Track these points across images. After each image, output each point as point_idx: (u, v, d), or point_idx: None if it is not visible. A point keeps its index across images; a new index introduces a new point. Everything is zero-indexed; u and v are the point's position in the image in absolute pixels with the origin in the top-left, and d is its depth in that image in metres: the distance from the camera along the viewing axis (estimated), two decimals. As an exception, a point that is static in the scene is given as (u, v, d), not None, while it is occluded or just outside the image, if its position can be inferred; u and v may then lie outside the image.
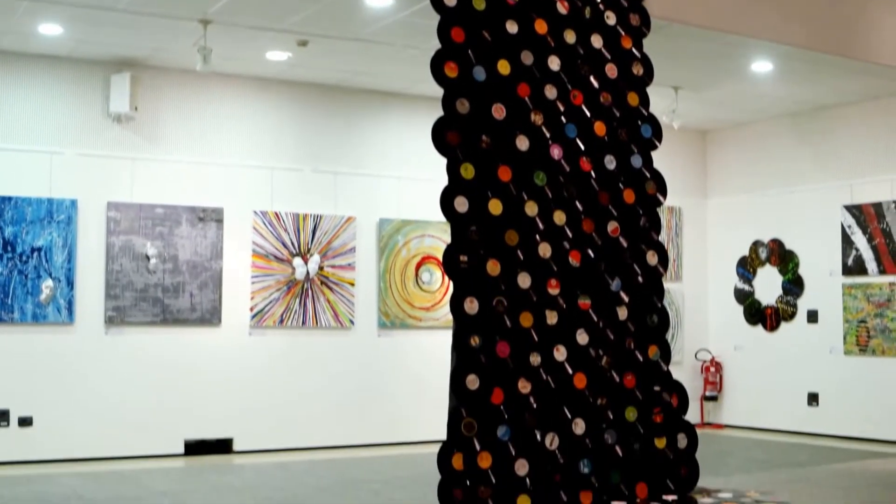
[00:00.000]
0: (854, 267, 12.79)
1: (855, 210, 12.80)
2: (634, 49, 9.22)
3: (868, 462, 10.87)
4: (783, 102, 13.18)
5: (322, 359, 11.91)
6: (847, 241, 12.87)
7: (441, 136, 8.22)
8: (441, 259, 8.39)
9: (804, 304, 13.40)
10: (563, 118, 8.73)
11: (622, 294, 8.80)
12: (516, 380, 8.19)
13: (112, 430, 10.86)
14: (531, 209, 8.48)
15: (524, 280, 8.35)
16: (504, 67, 8.49)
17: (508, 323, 8.23)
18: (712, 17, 10.09)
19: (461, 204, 8.22)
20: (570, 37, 8.85)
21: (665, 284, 9.33)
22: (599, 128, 8.89)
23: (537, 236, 8.47)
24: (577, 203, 8.71)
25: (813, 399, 13.20)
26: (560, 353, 8.42)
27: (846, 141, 13.09)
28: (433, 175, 9.88)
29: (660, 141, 9.23)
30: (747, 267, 14.10)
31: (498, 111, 8.41)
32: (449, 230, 8.24)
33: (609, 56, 9.05)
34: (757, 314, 13.94)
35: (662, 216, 13.44)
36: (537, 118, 8.59)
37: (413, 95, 12.49)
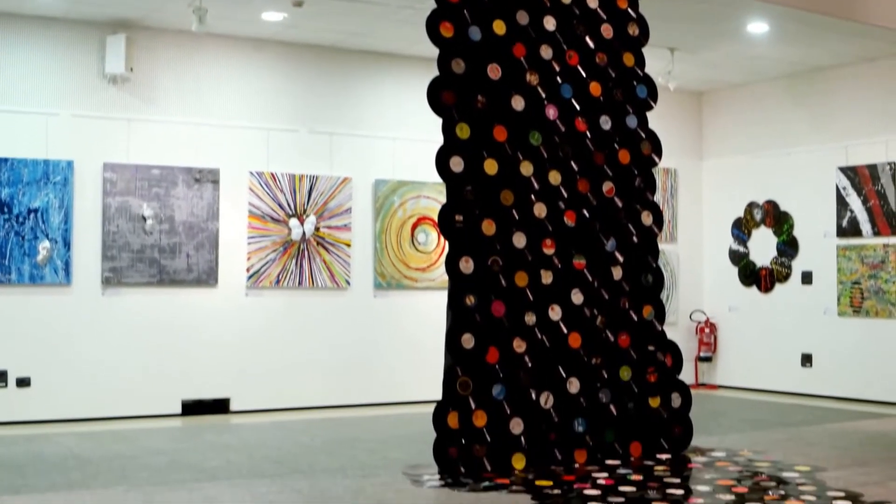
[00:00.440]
0: (848, 228, 12.82)
1: (850, 172, 12.82)
2: (630, 9, 9.22)
3: (861, 422, 10.93)
4: (779, 64, 13.17)
5: (318, 319, 11.95)
6: (842, 203, 12.89)
7: (437, 97, 8.24)
8: (436, 219, 8.42)
9: (798, 266, 13.44)
10: (559, 78, 8.74)
11: (617, 254, 8.85)
12: (511, 339, 8.25)
13: (109, 391, 10.91)
14: (526, 169, 8.50)
15: (519, 240, 8.39)
16: (500, 27, 8.49)
17: (503, 282, 8.28)
18: (708, -22, 10.09)
19: (456, 164, 8.25)
20: (566, -3, 8.86)
21: (660, 245, 9.37)
22: (595, 88, 8.91)
23: (532, 196, 8.50)
24: (573, 163, 8.74)
25: (807, 360, 13.27)
26: (555, 313, 8.47)
27: (842, 103, 13.09)
28: (429, 136, 9.88)
29: (655, 102, 9.24)
30: (742, 228, 14.13)
31: (493, 71, 8.42)
32: (445, 191, 8.28)
33: (605, 16, 9.05)
34: (751, 276, 13.98)
35: (658, 177, 13.44)
36: (533, 78, 8.60)
37: (409, 56, 12.46)
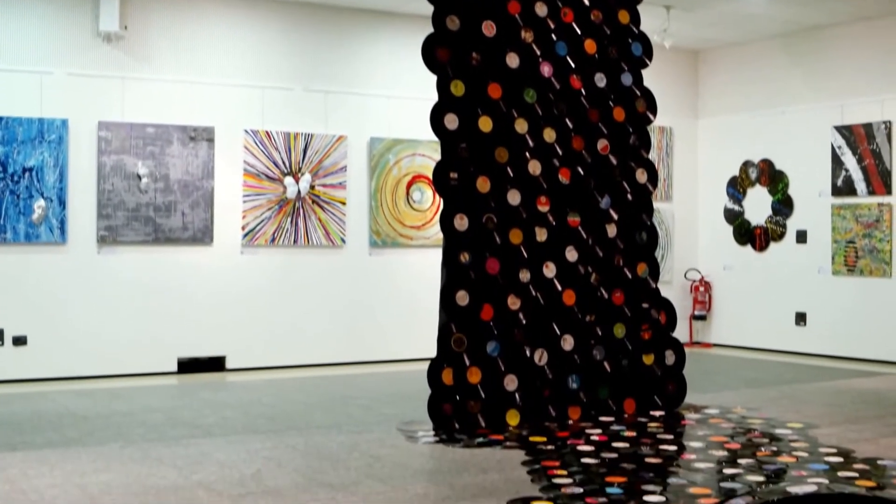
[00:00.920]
0: (843, 187, 12.82)
1: (845, 131, 12.81)
2: (625, -34, 9.18)
3: (854, 380, 10.99)
4: (775, 23, 13.12)
5: (313, 277, 11.97)
6: (837, 162, 12.89)
7: (431, 54, 8.22)
8: (431, 177, 8.42)
9: (793, 225, 13.45)
10: (554, 35, 8.71)
11: (611, 211, 8.85)
12: (506, 296, 8.27)
13: (105, 349, 10.94)
14: (521, 126, 8.50)
15: (514, 197, 8.39)
16: (494, -16, 8.46)
17: (498, 239, 8.29)
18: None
19: (451, 121, 8.24)
20: (561, -47, 8.81)
21: (655, 204, 9.38)
22: (590, 45, 8.88)
23: (527, 153, 8.50)
24: (567, 120, 8.73)
25: (801, 319, 13.31)
26: (549, 270, 8.49)
27: (837, 62, 13.05)
28: (424, 93, 9.85)
29: (650, 59, 9.22)
30: (737, 187, 14.14)
31: (488, 28, 8.39)
32: (440, 149, 8.27)
33: (600, -27, 9.01)
34: (746, 234, 14.00)
35: (653, 136, 13.44)
36: (528, 35, 8.57)
37: (403, 14, 12.41)
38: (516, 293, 8.31)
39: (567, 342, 8.51)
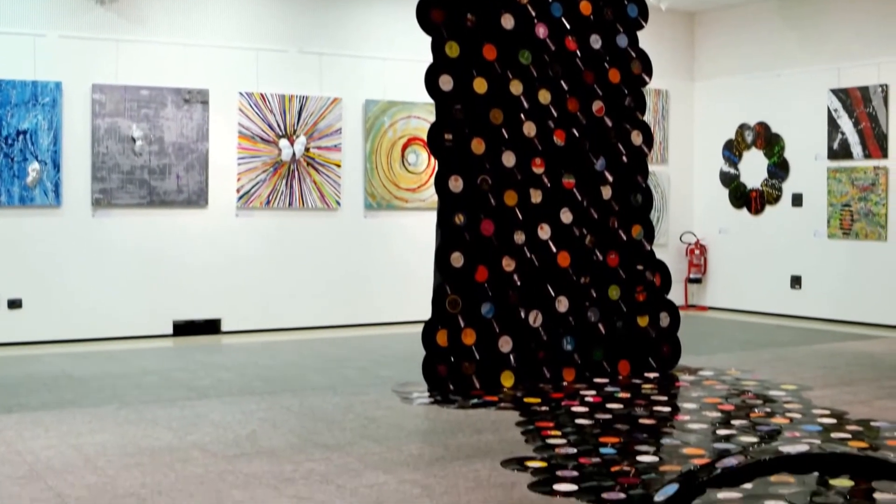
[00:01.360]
0: (839, 151, 12.80)
1: (841, 94, 12.77)
2: (622, -74, 9.12)
3: (848, 343, 11.01)
4: (773, -16, 13.05)
5: (309, 240, 11.95)
6: (833, 125, 12.85)
7: (426, 15, 8.18)
8: (426, 139, 8.40)
9: (789, 188, 13.43)
10: (549, -4, 8.68)
11: (606, 173, 8.84)
12: (500, 258, 8.28)
13: (100, 312, 10.94)
14: (516, 88, 8.47)
15: (509, 159, 8.38)
16: (489, -56, 8.41)
17: (493, 201, 8.28)
18: None
19: (446, 82, 8.22)
20: (557, -88, 8.75)
21: (650, 167, 9.37)
22: (585, 7, 8.84)
23: (522, 115, 8.48)
24: (563, 82, 8.70)
25: (796, 282, 13.32)
26: (544, 232, 8.49)
27: (834, 24, 12.99)
28: (419, 56, 9.80)
29: (646, 21, 9.18)
30: (733, 150, 14.11)
31: (483, -12, 8.35)
32: (435, 111, 8.25)
33: (596, -67, 8.96)
34: (742, 197, 13.99)
35: (649, 99, 13.40)
36: (523, -4, 8.53)
37: (399, -24, 12.35)
38: (511, 255, 8.31)
39: (562, 304, 8.53)
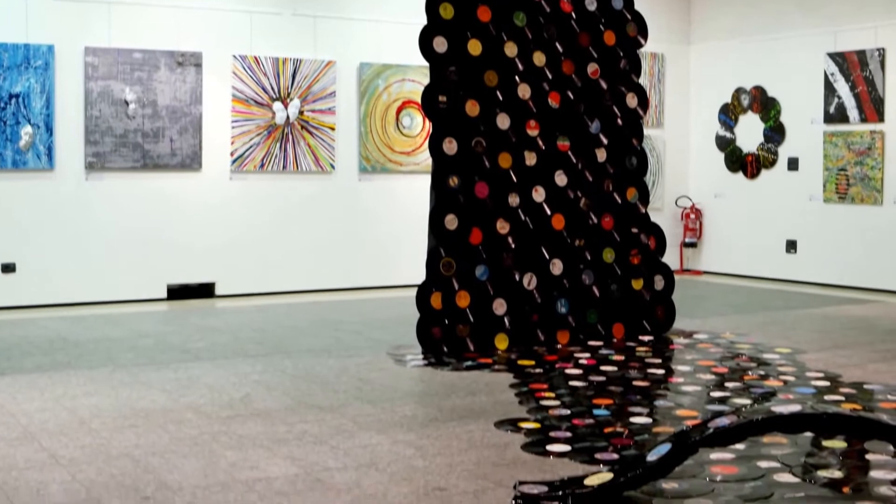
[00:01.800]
0: (836, 115, 12.76)
1: (838, 58, 12.71)
2: None
3: (843, 307, 11.02)
4: (770, -54, 12.97)
5: (303, 203, 11.91)
6: (829, 89, 12.81)
7: (420, -25, 8.13)
8: (420, 101, 8.36)
9: (785, 152, 13.40)
10: (544, -43, 8.62)
11: (601, 136, 8.82)
12: (495, 220, 8.26)
13: (94, 276, 10.91)
14: (511, 50, 8.43)
15: (503, 121, 8.35)
16: None
17: (487, 163, 8.26)
18: None
19: (440, 44, 8.17)
20: None
21: (646, 131, 9.35)
22: (581, -33, 8.79)
23: (517, 77, 8.44)
24: (557, 44, 8.66)
25: (791, 246, 13.31)
26: (538, 194, 8.47)
27: (832, -14, 12.94)
28: (414, 18, 9.72)
29: (642, -19, 9.13)
30: (729, 114, 14.06)
31: (477, -51, 8.29)
32: (429, 73, 8.21)
33: None
34: (738, 161, 13.95)
35: (645, 63, 13.34)
36: (517, -44, 8.48)
37: (393, -63, 12.25)
38: (505, 217, 8.30)
39: (556, 266, 8.52)
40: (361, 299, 11.48)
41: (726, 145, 14.09)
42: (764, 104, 13.61)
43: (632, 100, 8.98)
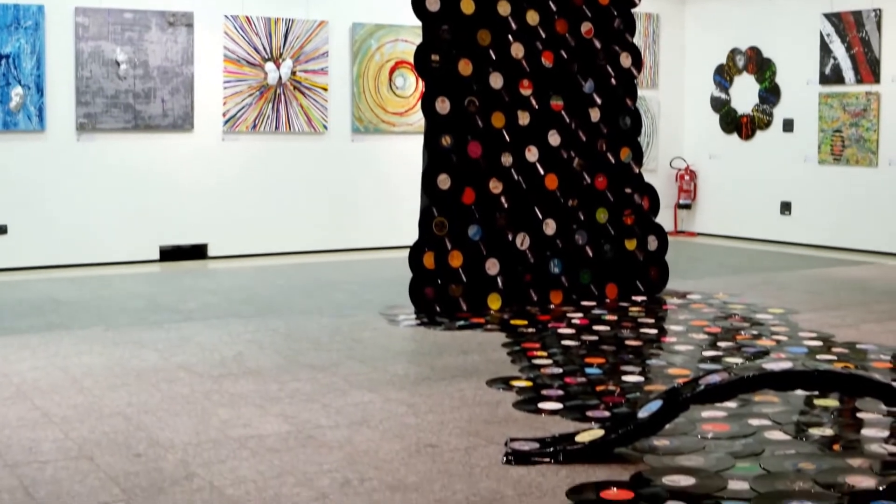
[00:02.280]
0: (831, 76, 12.71)
1: (834, 18, 12.65)
2: None
3: (837, 269, 11.02)
4: None
5: (295, 164, 11.86)
6: (825, 50, 12.75)
7: (412, -67, 8.06)
8: (413, 60, 8.31)
9: (780, 113, 13.36)
10: (538, -86, 8.54)
11: (595, 96, 8.78)
12: (488, 180, 8.23)
13: (86, 237, 10.87)
14: (504, 9, 8.37)
15: (496, 80, 8.30)
16: None
17: (480, 123, 8.23)
18: None
19: (433, 3, 8.12)
20: None
21: (641, 92, 9.30)
22: (574, -75, 8.71)
23: (510, 36, 8.39)
24: (551, 3, 8.60)
25: (786, 208, 13.29)
26: (532, 154, 8.44)
27: (828, -54, 12.85)
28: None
29: (636, -60, 9.06)
30: (724, 75, 14.00)
31: None
32: (422, 32, 8.15)
33: None
34: (732, 123, 13.90)
35: (639, 23, 13.27)
36: (511, -86, 8.40)
37: None
38: (498, 177, 8.27)
39: (549, 227, 8.49)
40: (354, 260, 11.46)
41: (721, 106, 14.04)
42: (759, 65, 13.55)
43: (626, 59, 8.93)
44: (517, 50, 8.38)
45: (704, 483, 4.33)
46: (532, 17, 8.46)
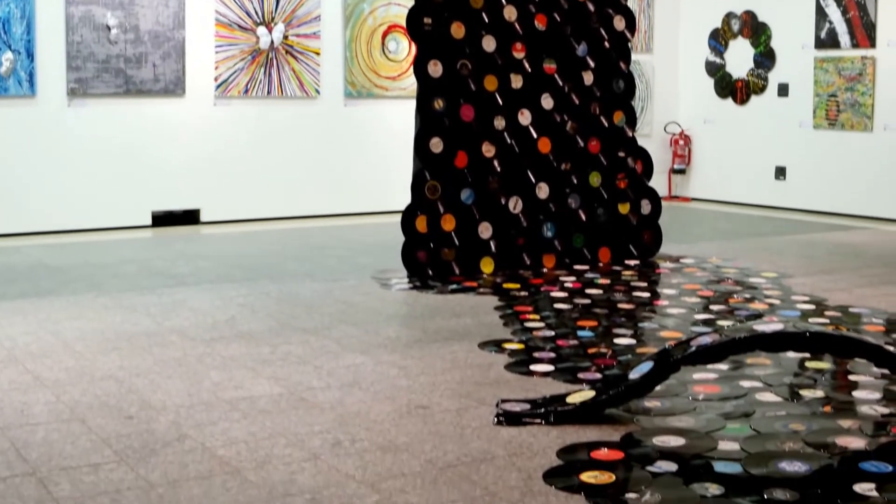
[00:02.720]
0: (827, 40, 12.65)
1: (830, -19, 12.61)
2: None
3: (831, 234, 11.01)
4: None
5: (288, 129, 11.80)
6: (821, 14, 12.69)
7: None
8: (405, 23, 8.26)
9: (775, 78, 13.31)
10: None
11: (588, 59, 8.73)
12: (480, 143, 8.21)
13: (78, 203, 10.82)
14: (496, -30, 8.32)
15: (489, 43, 8.26)
16: None
17: (473, 86, 8.19)
18: None
19: (425, -36, 8.06)
20: None
21: (635, 56, 9.25)
22: None
23: (503, -1, 8.34)
24: (544, -36, 8.54)
25: (780, 173, 13.27)
26: (525, 118, 8.41)
27: None
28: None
29: None
30: (719, 39, 13.94)
31: None
32: (414, -4, 8.11)
33: None
34: (727, 87, 13.86)
35: (634, -13, 13.19)
36: None
37: None
38: (491, 140, 8.24)
39: (542, 190, 8.47)
40: (347, 225, 11.44)
41: (716, 71, 13.99)
42: (754, 29, 13.49)
43: (619, 22, 8.88)
44: (510, 13, 8.33)
45: (694, 443, 4.33)
46: (525, -21, 8.41)
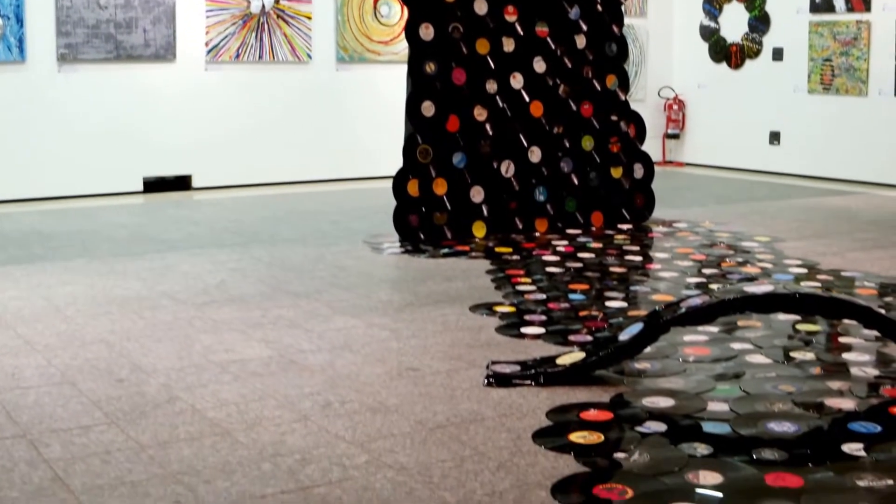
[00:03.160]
0: (822, 4, 12.59)
1: (825, -56, 12.54)
2: None
3: (825, 199, 11.00)
4: None
5: (280, 94, 11.74)
6: (815, -23, 12.65)
7: None
8: (396, -14, 8.23)
9: (770, 42, 13.25)
10: None
11: (581, 22, 8.68)
12: (472, 107, 8.18)
13: (69, 169, 10.77)
14: (488, -68, 8.26)
15: (481, 6, 8.21)
16: None
17: (464, 49, 8.15)
18: None
19: (416, -74, 8.00)
20: None
21: (629, 20, 9.20)
22: None
23: (495, -39, 8.29)
24: (536, -73, 8.49)
25: (775, 138, 13.24)
26: (517, 81, 8.37)
27: None
28: None
29: None
30: (714, 3, 13.86)
31: None
32: (405, -44, 8.05)
33: None
34: (722, 51, 13.80)
35: (628, -50, 13.11)
36: None
37: None
38: (483, 104, 8.20)
39: (534, 154, 8.45)
40: (339, 190, 11.41)
41: (710, 35, 13.93)
42: (748, -7, 13.43)
43: (612, -15, 8.83)
44: (502, -25, 8.28)
45: (684, 404, 4.33)
46: (517, -58, 8.36)
